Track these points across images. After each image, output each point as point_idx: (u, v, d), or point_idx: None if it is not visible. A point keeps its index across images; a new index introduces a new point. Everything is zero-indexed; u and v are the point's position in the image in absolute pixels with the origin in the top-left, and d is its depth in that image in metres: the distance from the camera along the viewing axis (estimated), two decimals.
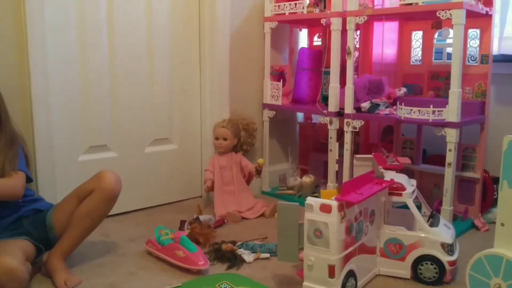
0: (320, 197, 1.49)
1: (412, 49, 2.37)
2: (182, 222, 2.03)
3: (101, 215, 1.66)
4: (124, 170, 2.21)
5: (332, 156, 2.29)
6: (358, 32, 2.42)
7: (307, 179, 2.45)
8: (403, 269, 1.60)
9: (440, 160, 2.22)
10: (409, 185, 1.67)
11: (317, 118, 2.70)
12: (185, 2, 2.36)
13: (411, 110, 1.97)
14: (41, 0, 1.86)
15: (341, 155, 2.27)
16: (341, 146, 2.28)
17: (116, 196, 1.67)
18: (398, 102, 2.08)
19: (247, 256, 1.75)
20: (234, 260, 1.72)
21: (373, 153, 1.96)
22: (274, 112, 2.56)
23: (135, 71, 2.23)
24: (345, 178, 2.22)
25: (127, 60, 2.20)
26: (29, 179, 1.65)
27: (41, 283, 1.57)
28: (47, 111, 1.93)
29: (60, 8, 1.96)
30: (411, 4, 1.98)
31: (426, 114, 1.95)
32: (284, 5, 2.41)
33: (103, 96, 2.15)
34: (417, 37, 2.36)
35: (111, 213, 1.90)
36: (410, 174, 1.91)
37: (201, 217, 2.06)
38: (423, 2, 1.94)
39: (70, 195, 1.72)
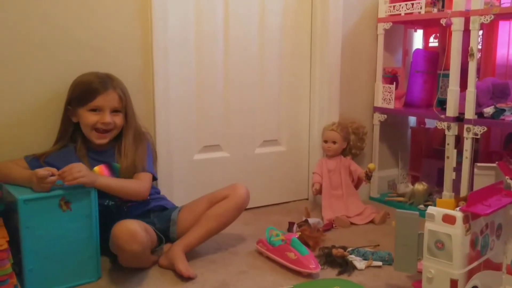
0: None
1: None
2: (291, 224, 2.04)
3: (227, 220, 1.76)
4: (235, 169, 2.29)
5: (449, 163, 2.17)
6: (481, 32, 2.27)
7: (420, 186, 2.35)
8: None
9: None
10: None
11: (431, 123, 2.58)
12: (298, 5, 2.37)
13: None
14: (166, 9, 1.96)
15: (458, 162, 2.15)
16: (458, 153, 2.15)
17: (244, 207, 1.79)
18: None
19: (359, 262, 1.71)
20: (345, 265, 1.69)
21: (497, 162, 1.82)
22: (385, 115, 2.48)
23: (247, 74, 2.29)
24: (463, 187, 2.09)
25: (240, 63, 2.26)
26: (154, 178, 1.78)
27: (162, 275, 1.65)
28: (167, 111, 2.03)
29: (181, 15, 2.06)
30: None
31: None
32: (400, 5, 2.33)
33: (217, 98, 2.23)
34: None
35: None
36: None
37: (310, 220, 2.05)
38: None
39: (202, 198, 1.82)
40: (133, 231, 1.48)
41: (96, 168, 1.70)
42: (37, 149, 1.72)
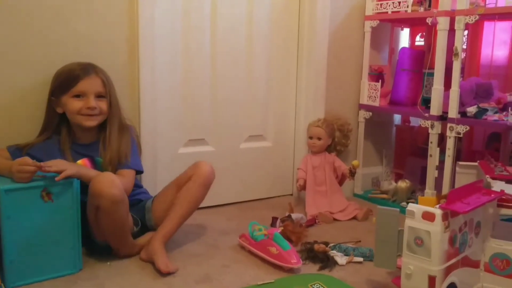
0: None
1: None
2: (274, 219, 2.05)
3: (197, 199, 1.77)
4: (220, 164, 2.28)
5: (432, 161, 2.19)
6: (466, 32, 2.29)
7: (403, 184, 2.37)
8: (510, 287, 1.49)
9: None
10: None
11: (415, 121, 2.60)
12: (286, 1, 2.37)
13: None
14: (152, 1, 1.96)
15: (441, 161, 2.17)
16: (441, 152, 2.17)
17: (210, 183, 1.79)
18: (510, 108, 1.94)
19: (340, 258, 1.72)
20: (326, 261, 1.70)
21: (478, 161, 1.85)
22: (370, 113, 2.50)
23: (233, 69, 2.28)
24: (445, 185, 2.12)
25: (227, 58, 2.25)
26: (140, 172, 1.80)
27: (143, 268, 1.65)
28: (152, 105, 2.02)
29: (168, 7, 2.05)
30: None
31: None
32: (387, 3, 2.34)
33: (203, 92, 2.22)
34: None
35: (205, 205, 2.00)
36: None
37: (293, 216, 2.06)
38: None
39: (169, 184, 1.84)
40: (112, 179, 1.54)
41: (79, 162, 1.70)
42: (21, 140, 1.70)
